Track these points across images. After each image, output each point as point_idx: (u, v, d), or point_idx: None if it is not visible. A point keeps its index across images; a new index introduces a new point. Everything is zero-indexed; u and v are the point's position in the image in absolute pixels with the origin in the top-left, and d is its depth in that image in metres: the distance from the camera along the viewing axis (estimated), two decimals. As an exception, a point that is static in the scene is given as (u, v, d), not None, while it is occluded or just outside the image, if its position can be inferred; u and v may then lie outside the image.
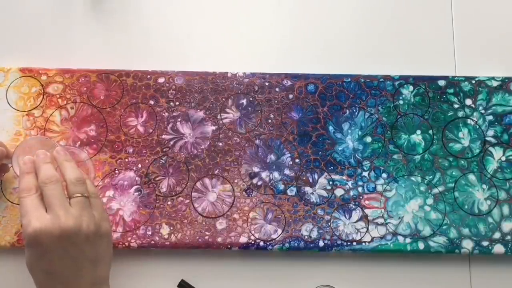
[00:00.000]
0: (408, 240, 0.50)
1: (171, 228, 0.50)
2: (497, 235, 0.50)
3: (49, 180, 0.43)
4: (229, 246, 0.50)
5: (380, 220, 0.50)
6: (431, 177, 0.52)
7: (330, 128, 0.53)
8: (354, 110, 0.53)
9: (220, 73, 0.54)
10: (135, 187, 0.51)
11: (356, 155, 0.52)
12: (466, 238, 0.50)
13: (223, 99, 0.54)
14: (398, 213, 0.51)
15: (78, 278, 0.42)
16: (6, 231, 0.50)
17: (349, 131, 0.53)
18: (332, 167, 0.52)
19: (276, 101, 0.53)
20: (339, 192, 0.51)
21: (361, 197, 0.51)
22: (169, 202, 0.51)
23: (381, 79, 0.54)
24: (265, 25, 0.57)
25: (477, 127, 0.53)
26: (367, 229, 0.50)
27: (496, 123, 0.53)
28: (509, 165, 0.52)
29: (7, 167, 0.50)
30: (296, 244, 0.50)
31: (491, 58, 0.56)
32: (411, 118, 0.53)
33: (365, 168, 0.52)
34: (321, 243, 0.50)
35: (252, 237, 0.50)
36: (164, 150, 0.52)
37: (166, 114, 0.53)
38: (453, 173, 0.52)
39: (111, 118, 0.53)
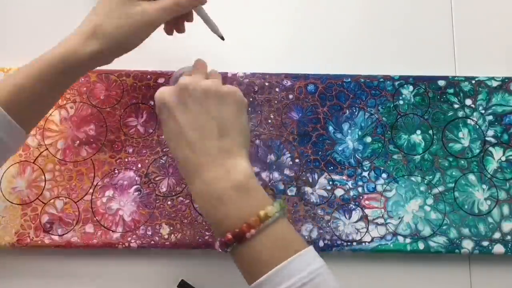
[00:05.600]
0: (408, 240, 0.50)
1: (171, 228, 0.50)
2: (497, 235, 0.50)
3: None
4: (229, 246, 0.50)
5: (380, 220, 0.50)
6: (431, 177, 0.52)
7: (330, 128, 0.53)
8: (354, 110, 0.53)
9: (220, 73, 0.54)
10: (135, 187, 0.51)
11: (356, 155, 0.52)
12: (466, 238, 0.50)
13: (223, 99, 0.53)
14: (398, 213, 0.51)
15: (203, 139, 0.40)
16: (6, 231, 0.50)
17: (349, 131, 0.53)
18: (332, 167, 0.52)
19: (276, 101, 0.53)
20: (339, 192, 0.51)
21: (361, 197, 0.51)
22: (169, 202, 0.51)
23: (381, 79, 0.54)
24: (265, 25, 0.57)
25: (477, 127, 0.53)
26: (367, 229, 0.50)
27: (496, 123, 0.53)
28: (509, 165, 0.52)
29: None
30: (296, 244, 0.50)
31: (491, 58, 0.56)
32: (411, 118, 0.53)
33: (365, 168, 0.52)
34: (321, 243, 0.50)
35: (252, 237, 0.50)
36: (164, 150, 0.52)
37: (166, 114, 0.53)
38: (453, 173, 0.52)
39: (111, 118, 0.53)
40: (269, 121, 0.53)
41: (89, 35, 0.42)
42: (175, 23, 0.49)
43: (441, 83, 0.54)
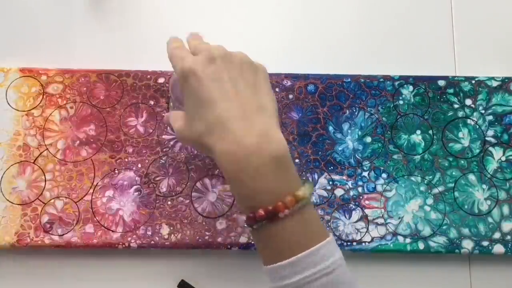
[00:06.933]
0: (408, 240, 0.50)
1: (171, 228, 0.50)
2: (497, 235, 0.50)
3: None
4: (229, 246, 0.50)
5: (380, 220, 0.50)
6: (431, 177, 0.52)
7: (330, 128, 0.53)
8: (354, 110, 0.53)
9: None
10: (135, 187, 0.51)
11: (356, 155, 0.52)
12: (466, 238, 0.50)
13: (223, 99, 0.53)
14: (398, 213, 0.51)
15: (240, 98, 0.38)
16: (6, 231, 0.50)
17: (349, 131, 0.53)
18: (332, 167, 0.52)
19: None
20: (339, 192, 0.51)
21: (361, 197, 0.51)
22: (169, 202, 0.51)
23: (381, 79, 0.54)
24: (265, 25, 0.57)
25: (477, 127, 0.53)
26: (367, 229, 0.50)
27: (496, 123, 0.53)
28: (509, 165, 0.52)
29: None
30: (296, 244, 0.49)
31: (491, 58, 0.56)
32: (411, 118, 0.53)
33: (365, 168, 0.52)
34: (321, 243, 0.49)
35: (252, 237, 0.50)
36: (164, 150, 0.52)
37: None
38: (453, 173, 0.52)
39: (111, 118, 0.53)
40: (269, 121, 0.53)
41: None
42: None
43: (441, 83, 0.54)
